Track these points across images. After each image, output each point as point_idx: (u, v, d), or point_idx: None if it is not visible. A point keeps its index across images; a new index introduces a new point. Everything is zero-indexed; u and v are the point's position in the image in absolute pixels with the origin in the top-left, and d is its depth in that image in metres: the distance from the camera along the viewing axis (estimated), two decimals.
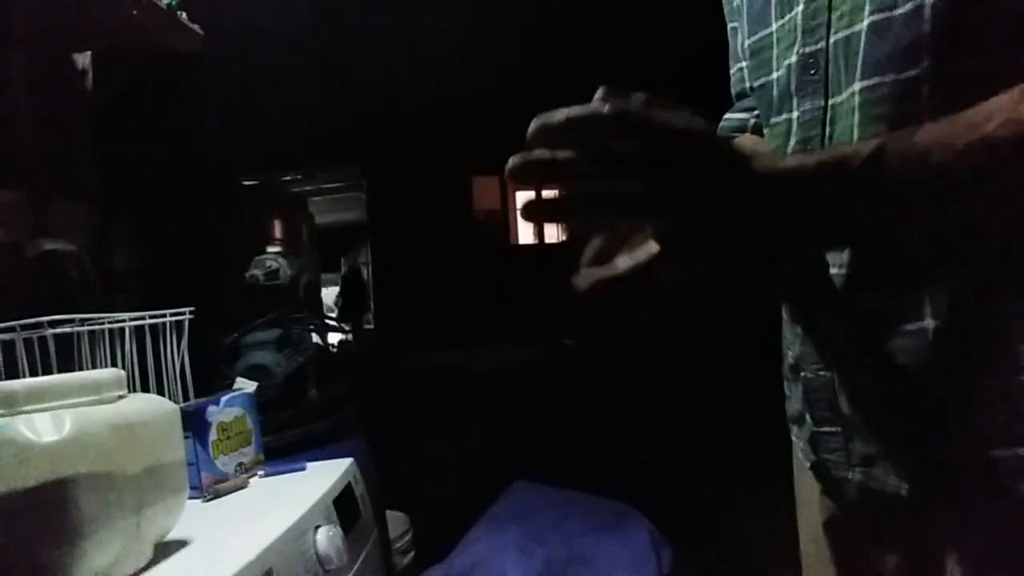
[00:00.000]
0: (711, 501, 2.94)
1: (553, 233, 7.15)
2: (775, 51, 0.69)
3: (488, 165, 6.35)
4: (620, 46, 4.87)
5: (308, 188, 5.98)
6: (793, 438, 0.77)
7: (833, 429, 0.66)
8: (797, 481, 0.80)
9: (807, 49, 0.63)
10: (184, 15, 1.50)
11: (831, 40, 0.61)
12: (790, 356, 0.73)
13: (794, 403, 0.74)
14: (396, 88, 4.86)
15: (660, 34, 4.41)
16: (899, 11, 0.55)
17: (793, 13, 0.65)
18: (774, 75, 0.69)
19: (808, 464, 0.72)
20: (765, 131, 0.73)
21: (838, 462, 0.66)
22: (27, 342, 0.97)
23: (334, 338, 2.32)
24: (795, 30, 0.65)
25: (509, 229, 6.81)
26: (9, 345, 0.96)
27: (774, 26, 0.69)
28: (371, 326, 5.98)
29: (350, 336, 3.72)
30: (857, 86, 0.58)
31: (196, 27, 1.53)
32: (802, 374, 0.69)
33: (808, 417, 0.69)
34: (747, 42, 0.74)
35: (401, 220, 5.79)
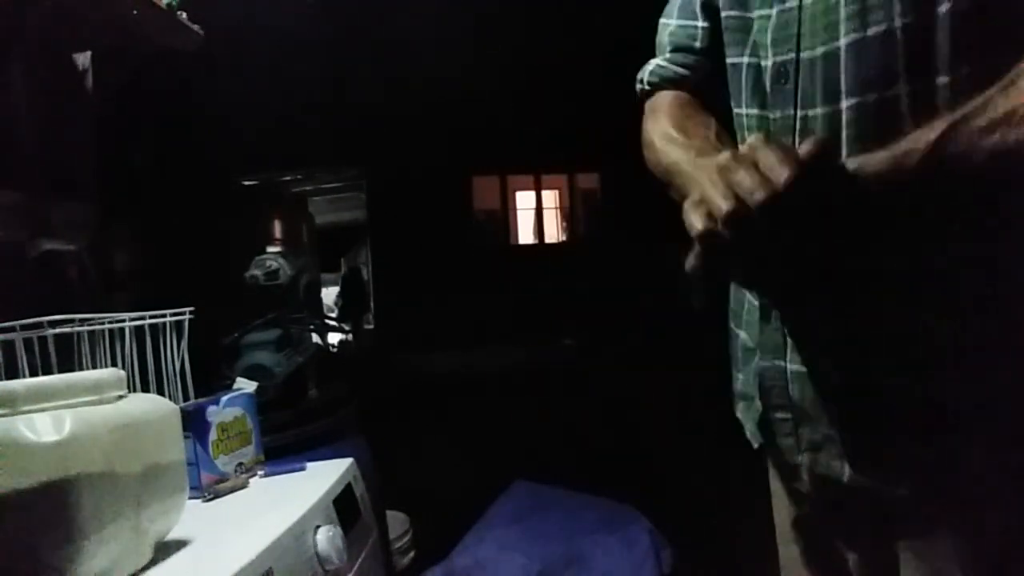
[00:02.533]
0: (711, 501, 2.94)
1: (553, 233, 7.16)
2: (751, 37, 0.69)
3: (488, 165, 6.34)
4: (619, 47, 4.88)
5: (308, 188, 5.98)
6: (738, 414, 0.79)
7: (785, 416, 0.69)
8: (770, 469, 0.82)
9: (777, 59, 0.65)
10: (184, 15, 1.49)
11: (802, 55, 0.63)
12: (745, 338, 0.75)
13: (740, 383, 0.77)
14: (396, 88, 4.86)
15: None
16: (871, 31, 0.58)
17: (772, 10, 0.66)
18: (744, 59, 0.70)
19: (756, 445, 0.75)
20: (736, 110, 0.74)
21: (789, 447, 0.69)
22: (27, 342, 0.97)
23: (334, 338, 2.32)
24: (767, 34, 0.66)
25: (509, 229, 6.81)
26: (9, 345, 0.96)
27: (754, 14, 0.69)
28: (371, 326, 5.98)
29: (350, 336, 3.72)
30: (844, 104, 0.60)
31: (196, 27, 1.53)
32: (757, 360, 0.71)
33: (757, 401, 0.72)
34: (724, 13, 0.74)
35: (401, 220, 5.78)
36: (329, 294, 5.88)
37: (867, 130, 0.59)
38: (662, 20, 0.88)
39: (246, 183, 4.16)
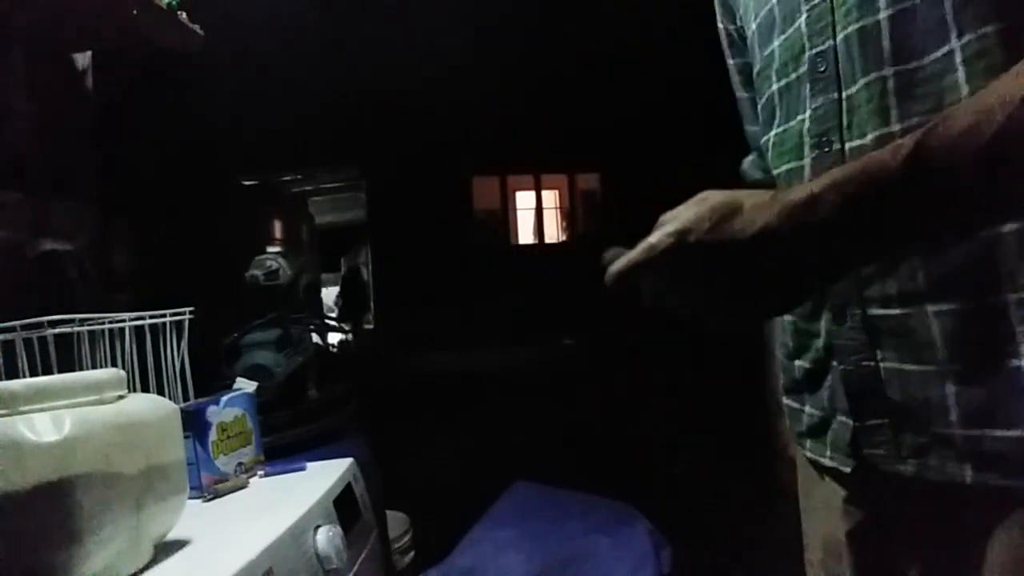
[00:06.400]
0: (711, 501, 2.94)
1: (553, 233, 7.16)
2: (775, 65, 0.71)
3: (488, 165, 6.35)
4: (618, 47, 4.87)
5: (308, 188, 5.99)
6: (808, 453, 0.74)
7: (880, 421, 0.63)
8: (804, 490, 0.78)
9: (816, 50, 0.65)
10: (184, 15, 1.49)
11: (838, 37, 0.63)
12: (809, 359, 0.71)
13: (810, 412, 0.72)
14: (396, 88, 4.85)
15: (656, 36, 4.41)
16: None
17: (796, 24, 0.67)
18: (775, 87, 0.71)
19: (848, 469, 0.68)
20: (765, 141, 0.75)
21: (887, 456, 0.63)
22: (27, 342, 0.97)
23: (334, 338, 2.32)
24: (801, 38, 0.67)
25: (509, 229, 6.82)
26: (9, 345, 0.96)
27: (776, 43, 0.71)
28: (371, 326, 5.98)
29: (350, 336, 3.72)
30: (890, 71, 0.58)
31: (196, 27, 1.53)
32: (838, 367, 0.66)
33: (844, 416, 0.67)
34: (756, 67, 0.76)
35: (401, 220, 5.79)
36: (329, 294, 5.90)
37: (915, 94, 0.57)
38: None
39: (246, 183, 4.16)
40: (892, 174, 0.48)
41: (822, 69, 0.64)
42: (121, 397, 0.77)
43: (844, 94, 0.63)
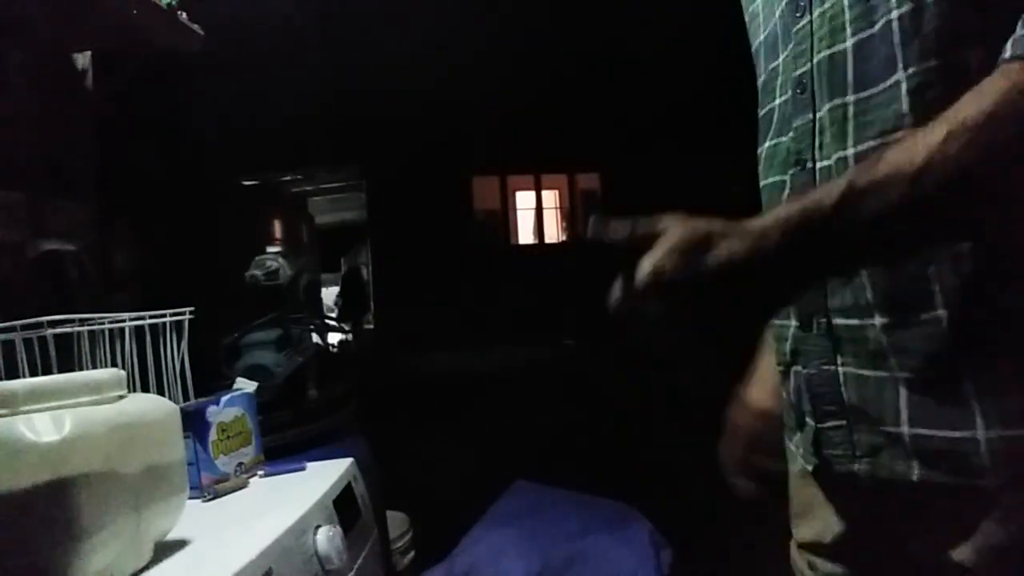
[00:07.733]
0: (711, 501, 2.94)
1: (553, 233, 7.16)
2: (779, 80, 0.74)
3: (488, 165, 6.35)
4: (618, 48, 4.88)
5: (308, 188, 5.99)
6: (792, 447, 0.78)
7: (838, 423, 0.67)
8: (792, 490, 0.81)
9: (798, 72, 0.69)
10: (184, 15, 1.50)
11: (815, 60, 0.67)
12: (781, 354, 0.74)
13: (787, 412, 0.76)
14: (396, 88, 4.85)
15: (657, 37, 4.41)
16: (876, 28, 0.61)
17: (791, 43, 0.71)
18: (777, 101, 0.74)
19: (811, 467, 0.72)
20: (760, 151, 0.78)
21: (843, 456, 0.66)
22: (27, 342, 0.97)
23: (334, 338, 2.32)
24: (792, 60, 0.71)
25: (509, 229, 6.82)
26: (9, 345, 0.96)
27: (780, 58, 0.74)
28: (371, 326, 5.98)
29: (350, 336, 3.72)
30: (851, 98, 0.63)
31: (196, 27, 1.53)
32: (802, 370, 0.70)
33: (809, 419, 0.70)
34: (760, 78, 0.79)
35: (401, 220, 5.80)
36: (329, 294, 5.90)
37: (868, 120, 0.61)
38: None
39: (246, 183, 4.17)
40: (826, 212, 0.53)
41: (800, 91, 0.69)
42: (121, 397, 0.77)
43: (817, 116, 0.67)
